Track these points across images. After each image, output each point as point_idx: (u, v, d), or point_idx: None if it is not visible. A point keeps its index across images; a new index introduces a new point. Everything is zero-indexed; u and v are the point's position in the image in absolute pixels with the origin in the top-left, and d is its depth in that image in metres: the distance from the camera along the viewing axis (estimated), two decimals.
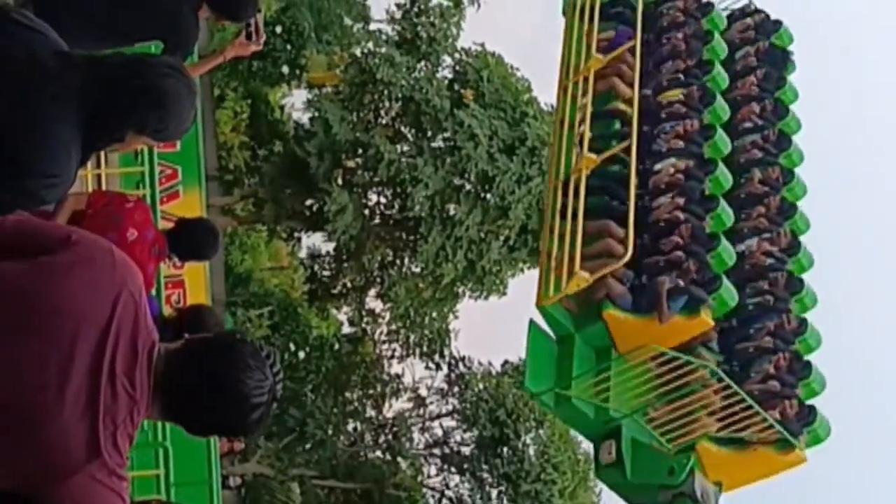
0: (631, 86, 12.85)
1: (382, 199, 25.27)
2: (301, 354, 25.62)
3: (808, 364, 11.15)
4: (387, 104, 24.40)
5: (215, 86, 26.20)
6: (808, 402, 10.96)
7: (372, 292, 27.76)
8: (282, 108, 29.57)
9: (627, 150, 11.83)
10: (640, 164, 12.10)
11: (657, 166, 12.14)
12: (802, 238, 12.58)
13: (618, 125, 12.58)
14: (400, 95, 23.83)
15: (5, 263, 2.40)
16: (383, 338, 28.02)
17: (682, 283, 10.71)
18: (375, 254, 26.03)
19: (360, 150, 23.60)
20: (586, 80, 12.76)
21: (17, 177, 2.71)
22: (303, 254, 29.70)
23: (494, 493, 25.02)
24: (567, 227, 11.05)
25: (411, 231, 24.42)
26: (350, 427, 26.53)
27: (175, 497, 8.33)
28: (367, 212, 24.81)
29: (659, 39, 13.63)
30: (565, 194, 11.71)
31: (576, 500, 25.50)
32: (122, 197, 5.63)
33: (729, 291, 10.89)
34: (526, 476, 24.13)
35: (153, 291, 7.49)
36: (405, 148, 24.15)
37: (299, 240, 28.85)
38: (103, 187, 9.51)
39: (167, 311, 10.43)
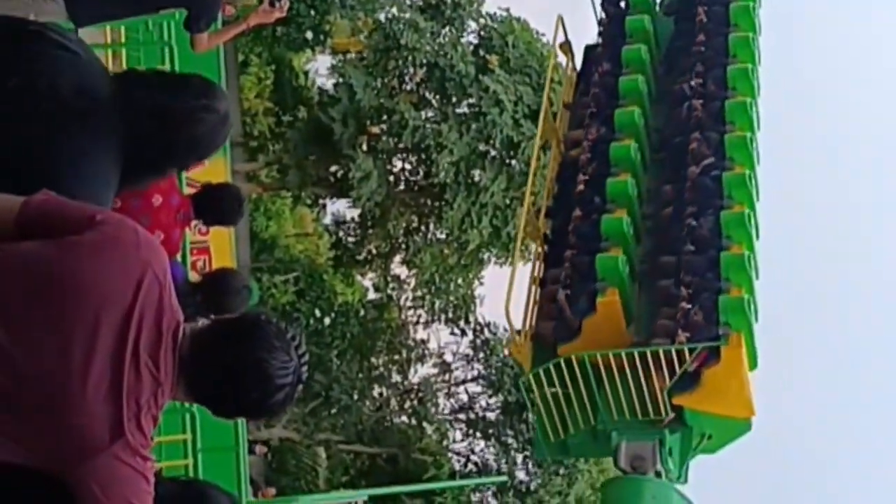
0: (586, 128, 13.22)
1: (407, 166, 25.25)
2: (326, 320, 25.72)
3: (717, 253, 11.07)
4: (411, 70, 24.29)
5: (239, 52, 26.16)
6: (751, 284, 10.95)
7: (397, 258, 27.81)
8: (306, 73, 29.51)
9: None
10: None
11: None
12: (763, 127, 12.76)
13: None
14: (424, 61, 23.73)
15: (30, 244, 2.38)
16: (408, 304, 28.08)
17: (568, 291, 11.03)
18: (400, 220, 26.03)
19: (384, 117, 23.55)
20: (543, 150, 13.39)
21: None
22: (328, 220, 29.75)
23: (520, 457, 25.12)
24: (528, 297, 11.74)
25: (436, 197, 24.40)
26: (375, 392, 26.67)
27: (202, 461, 8.40)
28: (391, 178, 24.79)
29: None
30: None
31: (601, 465, 25.56)
32: None
33: (605, 265, 11.10)
34: None
35: (178, 257, 7.52)
36: (430, 114, 24.08)
37: (324, 206, 28.89)
38: None
39: (193, 277, 10.48)
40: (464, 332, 26.58)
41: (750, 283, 11.00)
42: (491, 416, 25.69)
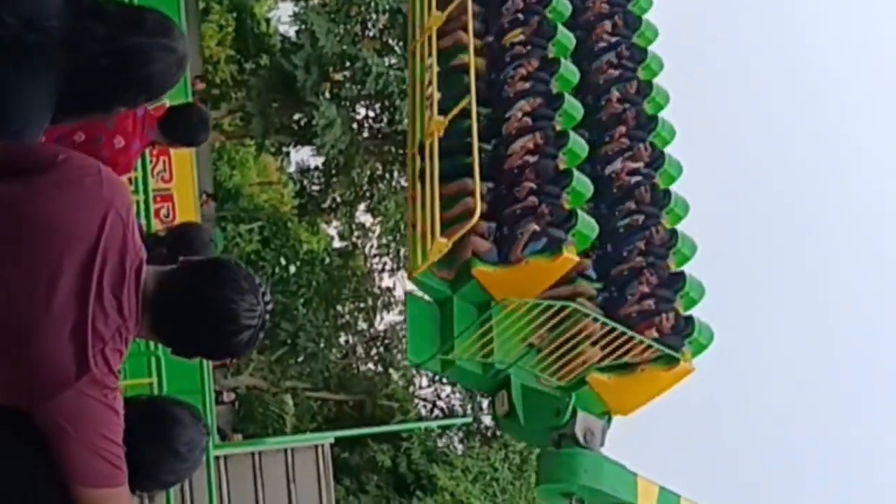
0: (476, 35, 12.78)
1: (371, 113, 25.16)
2: (292, 269, 25.72)
3: (682, 274, 11.13)
4: (374, 16, 24.15)
5: None
6: (690, 310, 11.00)
7: (361, 206, 27.80)
8: (268, 21, 29.24)
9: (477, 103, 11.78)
10: (493, 112, 12.05)
11: (508, 113, 12.06)
12: (671, 146, 12.54)
13: (465, 79, 12.12)
14: (387, 7, 23.58)
15: None
16: (374, 251, 28.14)
17: (538, 227, 10.75)
18: (364, 168, 25.99)
19: (347, 63, 23.42)
20: (430, 39, 12.65)
21: None
22: (292, 168, 29.65)
23: (486, 402, 25.37)
24: (426, 193, 11.07)
25: (400, 144, 24.34)
26: (342, 340, 26.78)
27: None
28: (355, 125, 24.71)
29: None
30: (422, 158, 11.66)
31: None
32: None
33: (586, 224, 10.84)
34: None
35: (133, 173, 7.47)
36: (393, 61, 23.97)
37: (288, 154, 28.76)
38: None
39: (157, 226, 10.46)
40: None
41: (693, 302, 11.19)
42: None
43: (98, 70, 2.61)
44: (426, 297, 11.07)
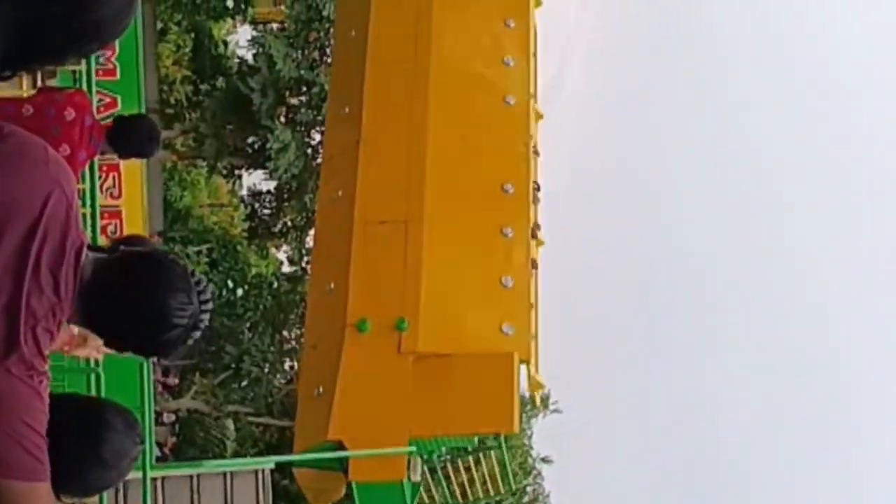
0: None
1: None
2: (239, 292, 25.51)
3: None
4: (332, 42, 24.18)
5: (158, 18, 25.75)
6: None
7: (312, 232, 27.71)
8: (225, 43, 29.17)
9: None
10: None
11: None
12: None
13: None
14: None
15: None
16: None
17: None
18: (317, 193, 25.95)
19: (304, 88, 23.41)
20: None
21: None
22: (244, 191, 29.50)
23: None
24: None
25: None
26: (287, 365, 26.56)
27: None
28: (309, 151, 24.68)
29: None
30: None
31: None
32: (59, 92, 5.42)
33: None
34: None
35: (80, 185, 7.34)
36: None
37: (240, 177, 28.62)
38: None
39: (102, 241, 10.34)
40: None
41: None
42: None
43: (47, 18, 2.50)
44: None
